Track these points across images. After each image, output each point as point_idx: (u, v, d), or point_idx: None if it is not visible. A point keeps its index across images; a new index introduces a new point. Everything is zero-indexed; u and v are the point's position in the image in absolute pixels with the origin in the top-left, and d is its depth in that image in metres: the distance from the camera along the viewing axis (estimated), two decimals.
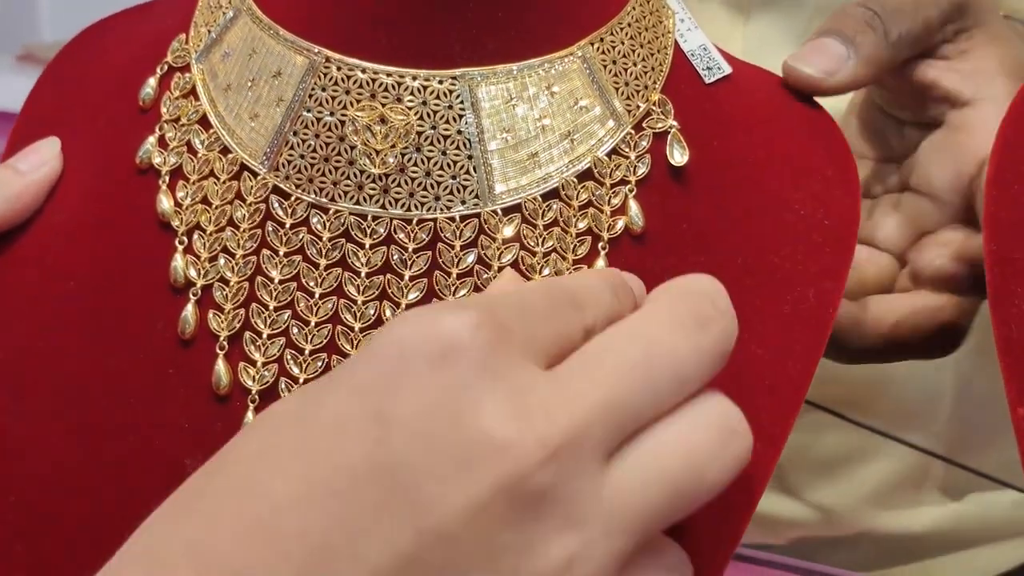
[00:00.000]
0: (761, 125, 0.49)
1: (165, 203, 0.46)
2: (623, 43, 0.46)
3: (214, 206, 0.45)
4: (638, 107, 0.46)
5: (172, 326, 0.44)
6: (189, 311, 0.44)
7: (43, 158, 0.48)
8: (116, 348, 0.45)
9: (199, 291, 0.44)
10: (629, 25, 0.46)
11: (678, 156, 0.45)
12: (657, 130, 0.46)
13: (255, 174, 0.45)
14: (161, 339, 0.44)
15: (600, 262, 0.44)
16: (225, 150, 0.45)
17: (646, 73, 0.46)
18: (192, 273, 0.44)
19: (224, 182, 0.45)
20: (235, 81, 0.45)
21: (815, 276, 0.46)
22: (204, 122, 0.46)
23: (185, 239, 0.45)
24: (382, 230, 0.44)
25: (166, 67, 0.48)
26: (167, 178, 0.46)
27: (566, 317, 0.35)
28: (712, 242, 0.46)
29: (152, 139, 0.47)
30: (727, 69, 0.48)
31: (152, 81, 0.48)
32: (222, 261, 0.44)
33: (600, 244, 0.44)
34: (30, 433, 0.44)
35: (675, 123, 0.46)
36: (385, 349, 0.34)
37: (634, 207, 0.45)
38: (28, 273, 0.47)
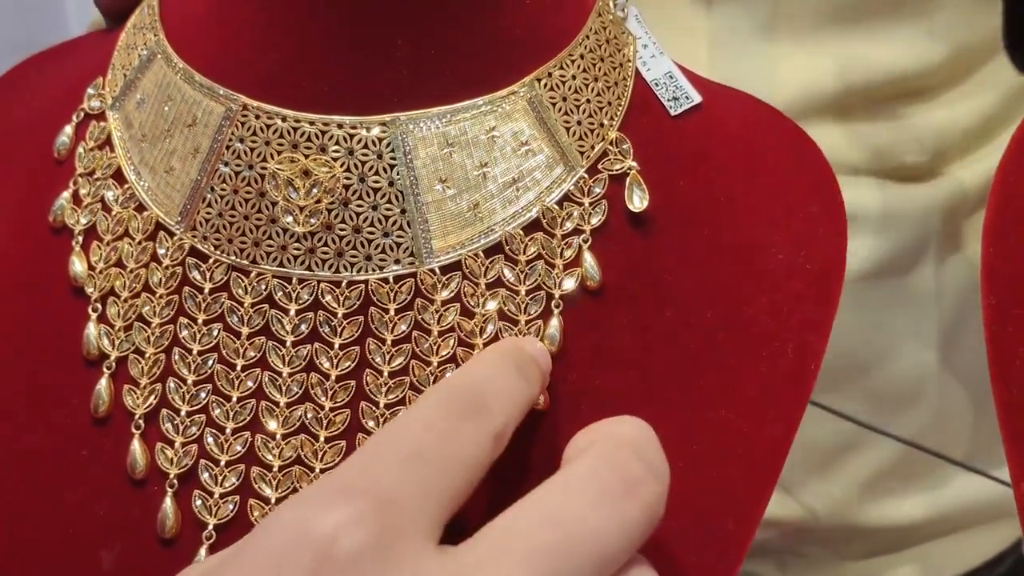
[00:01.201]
0: (735, 159, 0.44)
1: (78, 266, 0.42)
2: (575, 77, 0.41)
3: (128, 269, 0.41)
4: (592, 147, 0.41)
5: (86, 402, 0.40)
6: (103, 386, 0.40)
7: None
8: (29, 427, 0.41)
9: (113, 364, 0.40)
10: (582, 57, 0.42)
11: (637, 201, 0.41)
12: (614, 172, 0.41)
13: (171, 234, 0.41)
14: (75, 417, 0.41)
15: (554, 322, 0.40)
16: (141, 207, 0.41)
17: (601, 109, 0.42)
18: (106, 344, 0.41)
19: (139, 243, 0.41)
20: (150, 131, 0.41)
21: (795, 329, 0.41)
22: (119, 176, 0.42)
23: (99, 306, 0.41)
24: (308, 294, 0.39)
25: (82, 114, 0.44)
26: (80, 238, 0.42)
27: (470, 435, 0.31)
28: (679, 295, 0.41)
29: (66, 195, 0.43)
30: (696, 98, 0.44)
31: (68, 129, 0.44)
32: (137, 331, 0.40)
33: (553, 303, 0.40)
34: None
35: (634, 164, 0.41)
36: (258, 557, 0.30)
37: (589, 259, 0.40)
38: None
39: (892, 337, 0.70)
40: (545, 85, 0.41)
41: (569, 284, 0.40)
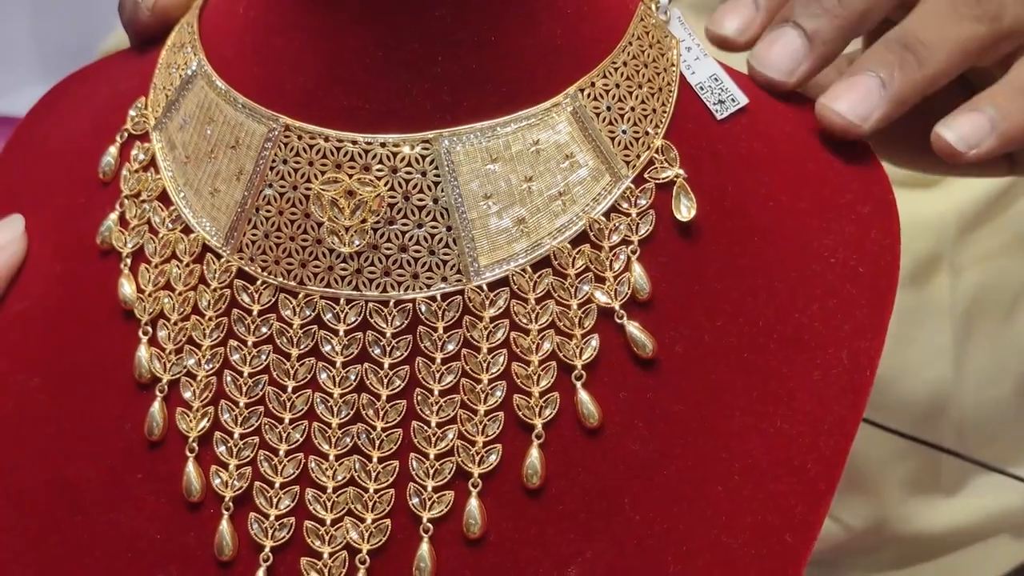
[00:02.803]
0: (784, 162, 0.43)
1: (127, 289, 0.42)
2: (618, 85, 0.41)
3: (177, 292, 0.41)
4: (638, 156, 0.41)
5: (139, 426, 0.41)
6: (156, 410, 0.40)
7: (1, 241, 0.44)
8: (82, 452, 0.41)
9: (165, 387, 0.40)
10: (625, 64, 0.41)
11: (685, 211, 0.40)
12: (660, 181, 0.41)
13: (218, 256, 0.41)
14: (128, 441, 0.41)
15: (611, 334, 0.39)
16: (187, 229, 0.41)
17: (646, 117, 0.41)
18: (157, 367, 0.41)
19: (186, 265, 0.41)
20: (193, 153, 0.41)
21: (849, 335, 0.41)
22: (164, 197, 0.42)
23: (149, 329, 0.41)
24: (356, 314, 0.39)
25: (126, 135, 0.44)
26: (128, 261, 0.42)
27: None
28: (730, 304, 0.40)
29: (113, 217, 0.43)
30: (742, 100, 0.43)
31: (112, 150, 0.44)
32: (188, 354, 0.40)
33: (616, 315, 0.39)
34: None
35: (681, 171, 0.41)
36: None
37: (638, 270, 0.40)
38: None
39: (908, 346, 0.70)
40: (588, 95, 0.40)
41: (622, 295, 0.40)
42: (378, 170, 0.39)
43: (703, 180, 0.41)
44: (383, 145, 0.39)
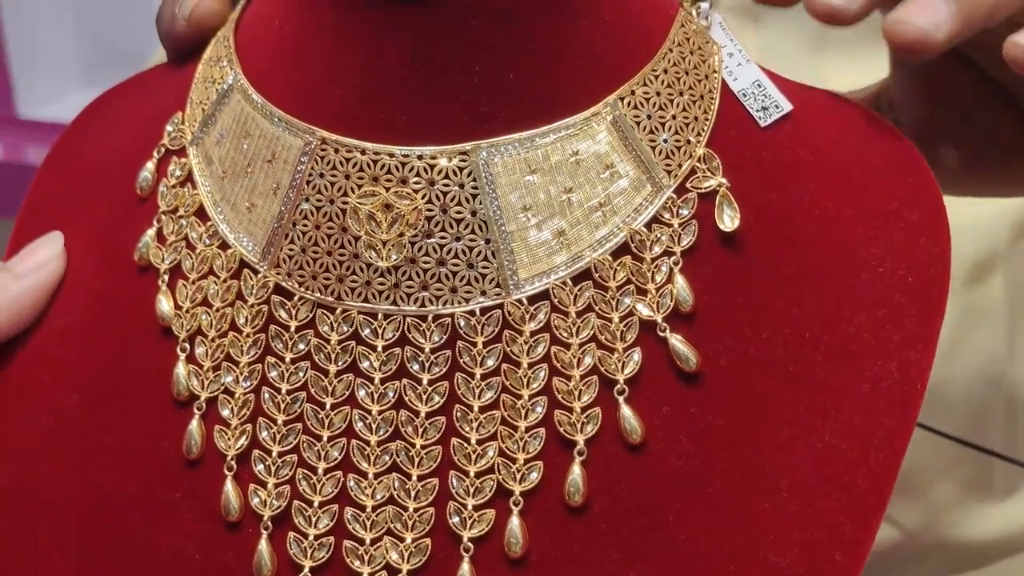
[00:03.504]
0: (829, 169, 0.42)
1: (165, 306, 0.41)
2: (659, 93, 0.40)
3: (214, 308, 0.41)
4: (680, 166, 0.40)
5: (177, 444, 0.40)
6: (194, 428, 0.40)
7: (41, 259, 0.44)
8: (121, 469, 0.41)
9: (203, 405, 0.40)
10: (665, 71, 0.40)
11: (728, 221, 0.39)
12: (703, 190, 0.40)
13: (255, 271, 0.40)
14: (167, 458, 0.40)
15: (654, 348, 0.39)
16: (224, 244, 0.41)
17: (688, 125, 0.40)
18: (195, 384, 0.40)
19: (224, 281, 0.41)
20: (230, 168, 0.41)
21: (898, 346, 0.40)
22: (201, 213, 0.42)
23: (187, 346, 0.41)
24: (394, 330, 0.39)
25: (163, 150, 0.44)
26: (166, 277, 0.42)
27: None
28: (775, 315, 0.40)
29: (150, 232, 0.43)
30: (786, 107, 0.42)
31: (150, 166, 0.44)
32: (226, 371, 0.40)
33: (658, 328, 0.39)
34: (29, 561, 0.41)
35: (724, 180, 0.40)
36: None
37: (681, 282, 0.39)
38: (32, 385, 0.43)
39: (961, 349, 0.69)
40: (628, 103, 0.39)
41: (662, 309, 0.39)
42: (415, 183, 0.38)
43: (746, 189, 0.40)
44: (420, 158, 0.38)
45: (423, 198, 0.38)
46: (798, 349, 0.39)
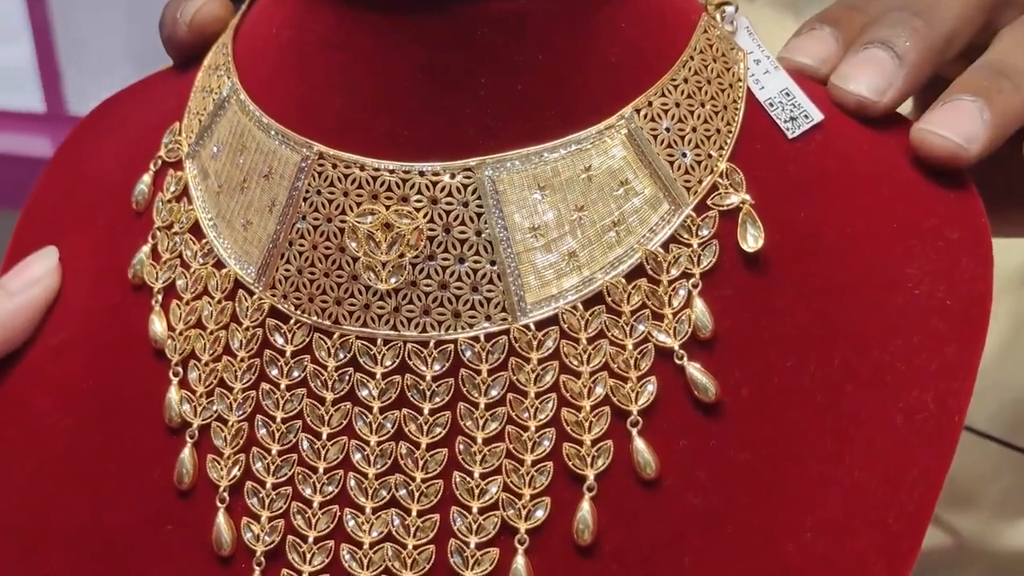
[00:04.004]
0: (863, 182, 0.39)
1: (158, 327, 0.40)
2: (678, 104, 0.37)
3: (208, 331, 0.39)
4: (700, 181, 0.37)
5: (169, 472, 0.38)
6: (186, 456, 0.38)
7: (35, 275, 0.42)
8: (113, 498, 0.39)
9: (196, 433, 0.38)
10: (686, 80, 0.38)
11: (751, 240, 0.37)
12: (724, 208, 0.37)
13: (250, 292, 0.38)
14: (158, 488, 0.39)
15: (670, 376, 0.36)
16: (219, 263, 0.39)
17: (709, 138, 0.38)
18: (187, 411, 0.38)
19: (218, 302, 0.39)
20: (226, 182, 0.39)
21: (935, 375, 0.37)
22: (197, 230, 0.40)
23: (180, 370, 0.39)
24: (394, 356, 0.37)
25: (160, 162, 0.42)
26: (160, 297, 0.40)
27: None
28: (802, 341, 0.37)
29: (145, 250, 0.41)
30: (816, 116, 0.39)
31: (146, 178, 0.42)
32: (219, 397, 0.38)
33: (675, 355, 0.36)
34: None
35: (747, 197, 0.37)
36: None
37: (700, 306, 0.36)
38: (25, 406, 0.42)
39: (1013, 353, 0.66)
40: (645, 115, 0.37)
41: (679, 335, 0.36)
42: (416, 201, 0.36)
43: (772, 205, 0.38)
44: (422, 174, 0.36)
45: (425, 217, 0.36)
46: (826, 378, 0.37)
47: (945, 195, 0.40)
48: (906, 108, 0.43)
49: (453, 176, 0.36)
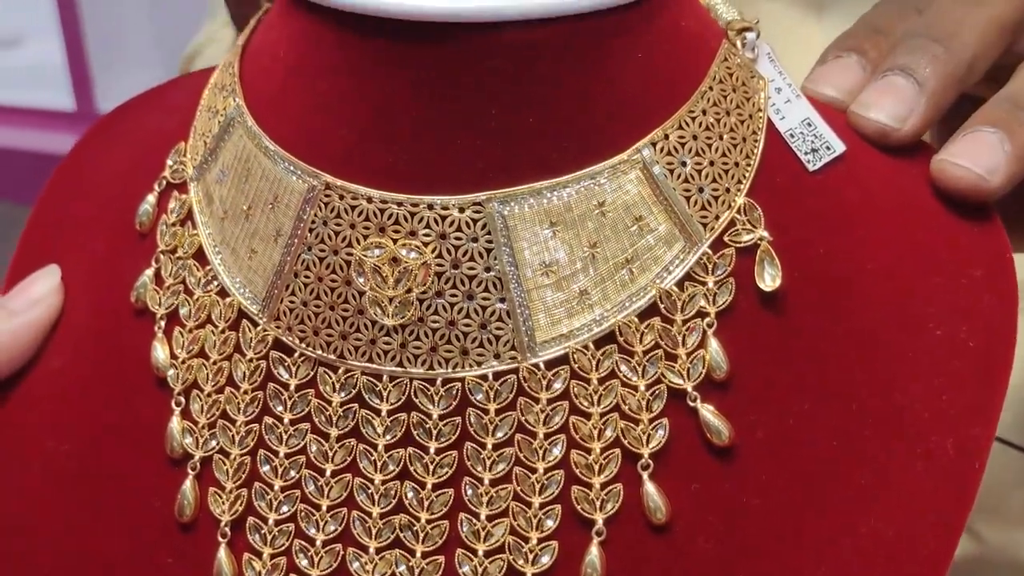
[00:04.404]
0: (885, 217, 0.38)
1: (160, 355, 0.39)
2: (695, 137, 0.36)
3: (211, 361, 0.38)
4: (717, 218, 0.36)
5: (170, 504, 0.38)
6: (187, 489, 0.37)
7: (36, 295, 0.42)
8: (110, 528, 0.38)
9: (198, 464, 0.37)
10: (704, 112, 0.36)
11: (769, 279, 0.36)
12: (741, 245, 0.36)
13: (254, 323, 0.37)
14: (159, 519, 0.38)
15: (683, 419, 0.35)
16: (223, 291, 0.38)
17: (727, 172, 0.36)
18: (189, 442, 0.38)
19: (221, 331, 0.38)
20: (231, 209, 0.38)
21: (955, 419, 0.36)
22: (201, 256, 0.39)
23: (182, 400, 0.38)
24: (400, 393, 0.36)
25: (164, 183, 0.41)
26: (163, 323, 0.39)
27: None
28: (818, 384, 0.36)
29: (148, 273, 0.40)
30: (838, 148, 0.38)
31: (151, 199, 0.41)
32: (221, 430, 0.37)
33: (688, 397, 0.35)
34: None
35: (765, 234, 0.36)
36: None
37: (715, 347, 0.35)
38: (24, 431, 0.41)
39: None
40: (661, 149, 0.36)
41: (693, 377, 0.35)
42: (425, 235, 0.35)
43: (791, 241, 0.37)
44: (431, 208, 0.35)
45: (433, 252, 0.35)
46: (844, 422, 0.36)
47: (969, 228, 0.39)
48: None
49: (462, 210, 0.35)
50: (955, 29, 0.40)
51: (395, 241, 0.35)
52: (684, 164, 0.36)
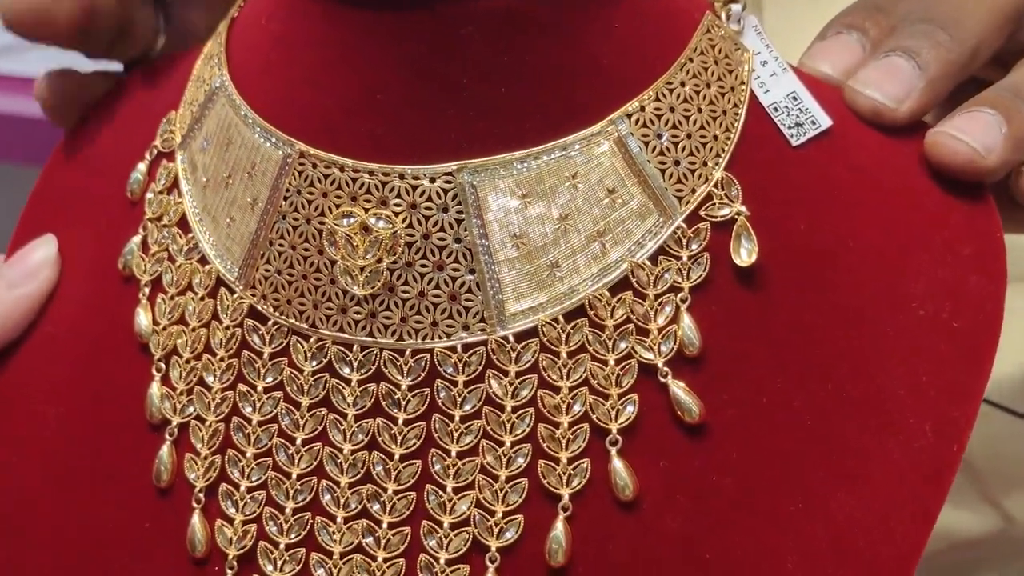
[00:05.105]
0: (871, 192, 0.38)
1: (143, 321, 0.39)
2: (673, 109, 0.36)
3: (190, 327, 0.38)
4: (693, 191, 0.36)
5: (148, 470, 0.38)
6: (164, 454, 0.38)
7: (34, 267, 0.42)
8: (94, 494, 0.39)
9: (175, 430, 0.38)
10: (683, 84, 0.36)
11: (744, 254, 0.35)
12: (718, 219, 0.35)
13: (231, 291, 0.37)
14: (138, 485, 0.38)
15: (653, 395, 0.35)
16: (204, 259, 0.38)
17: (705, 145, 0.36)
18: (167, 408, 0.38)
19: (201, 299, 0.38)
20: (212, 177, 0.38)
21: (935, 401, 0.35)
22: (184, 223, 0.39)
23: (162, 366, 0.38)
24: (370, 363, 0.36)
25: (155, 151, 0.41)
26: (147, 290, 0.39)
27: None
28: (794, 363, 0.35)
29: (135, 240, 0.40)
30: (824, 123, 0.37)
31: (142, 167, 0.41)
32: (198, 396, 0.37)
33: (659, 373, 0.35)
34: None
35: (742, 208, 0.35)
36: None
37: (687, 322, 0.35)
38: (18, 397, 0.42)
39: None
40: (637, 121, 0.35)
41: (664, 352, 0.35)
42: (395, 205, 0.35)
43: (772, 216, 0.36)
44: (402, 177, 0.35)
45: (403, 222, 0.35)
46: (819, 402, 0.35)
47: (960, 206, 0.38)
48: None
49: (433, 180, 0.35)
50: (958, 16, 0.39)
51: (366, 210, 0.35)
52: (660, 136, 0.35)
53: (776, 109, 0.37)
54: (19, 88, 0.84)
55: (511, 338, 0.35)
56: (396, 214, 0.35)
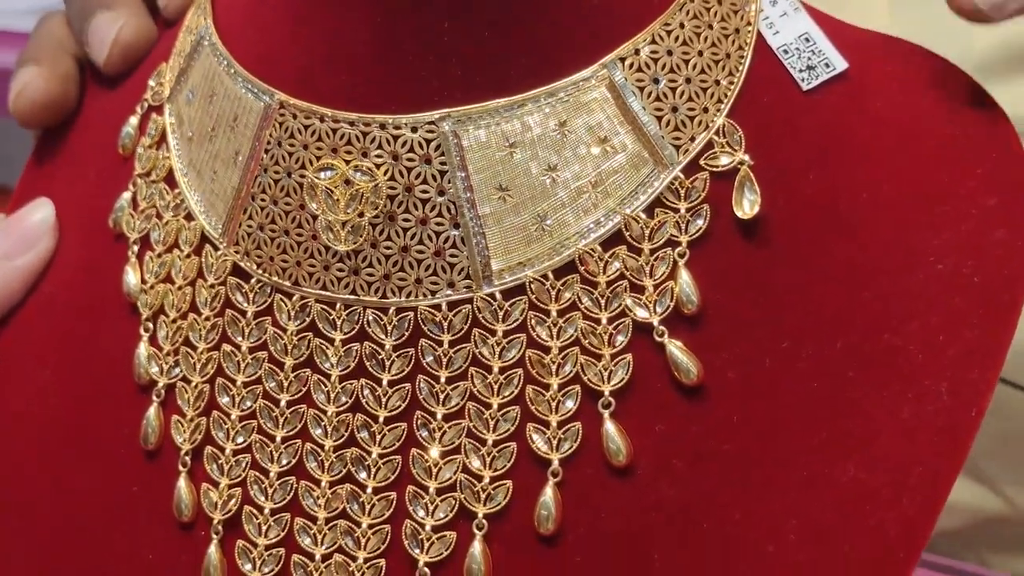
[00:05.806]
0: (889, 141, 0.35)
1: (132, 279, 0.38)
2: (670, 53, 0.33)
3: (177, 286, 0.37)
4: (692, 139, 0.33)
5: (136, 432, 0.37)
6: (151, 416, 0.37)
7: (31, 236, 0.41)
8: (83, 457, 0.38)
9: (162, 392, 0.37)
10: (682, 25, 0.34)
11: (747, 206, 0.33)
12: (718, 169, 0.33)
13: (216, 247, 0.36)
14: (127, 448, 0.37)
15: (649, 355, 0.33)
16: (190, 216, 0.37)
17: (706, 90, 0.34)
18: (155, 369, 0.37)
19: (187, 256, 0.37)
20: (197, 130, 0.37)
21: (952, 362, 0.33)
22: (171, 179, 0.38)
23: (150, 325, 0.37)
24: (353, 322, 0.34)
25: (146, 105, 0.40)
26: (136, 248, 0.38)
27: None
28: (801, 321, 0.33)
29: (126, 197, 0.39)
30: (839, 66, 0.35)
31: (133, 121, 0.40)
32: (184, 356, 0.36)
33: (655, 332, 0.33)
34: None
35: (745, 157, 0.33)
36: None
37: (686, 278, 0.33)
38: (15, 359, 0.41)
39: None
40: (631, 65, 0.33)
41: (660, 310, 0.33)
42: (376, 156, 0.33)
43: (778, 165, 0.34)
44: (383, 127, 0.33)
45: (385, 174, 0.33)
46: (826, 363, 0.33)
47: (987, 156, 0.35)
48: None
49: (415, 130, 0.33)
50: None
51: (348, 162, 0.33)
52: (657, 82, 0.33)
53: (786, 51, 0.35)
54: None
55: (498, 295, 0.33)
56: (378, 166, 0.33)
